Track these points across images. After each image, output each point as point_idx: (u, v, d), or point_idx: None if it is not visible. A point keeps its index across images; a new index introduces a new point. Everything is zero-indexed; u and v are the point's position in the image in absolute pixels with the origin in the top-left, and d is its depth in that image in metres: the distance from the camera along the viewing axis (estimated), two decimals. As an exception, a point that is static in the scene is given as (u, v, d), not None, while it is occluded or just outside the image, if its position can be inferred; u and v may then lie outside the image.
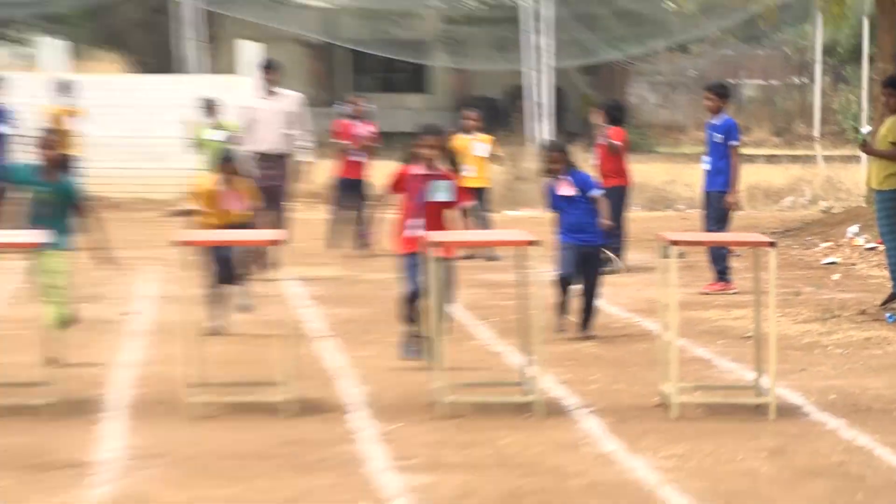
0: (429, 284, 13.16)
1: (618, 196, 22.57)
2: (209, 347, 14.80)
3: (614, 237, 21.27)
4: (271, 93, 22.85)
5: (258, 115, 22.70)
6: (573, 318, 17.11)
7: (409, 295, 14.27)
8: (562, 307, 16.98)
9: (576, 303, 16.92)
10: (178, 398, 13.53)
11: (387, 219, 16.46)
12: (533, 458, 11.82)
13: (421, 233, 13.48)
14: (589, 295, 17.16)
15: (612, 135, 23.57)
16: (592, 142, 24.84)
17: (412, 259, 13.55)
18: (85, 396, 14.06)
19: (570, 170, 16.83)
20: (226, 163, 16.43)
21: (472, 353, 16.42)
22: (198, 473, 11.26)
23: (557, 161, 16.59)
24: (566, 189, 16.49)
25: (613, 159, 23.40)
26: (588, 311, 17.20)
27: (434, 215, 13.40)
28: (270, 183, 21.72)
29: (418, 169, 13.62)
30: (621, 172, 23.40)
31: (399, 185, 13.81)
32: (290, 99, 23.20)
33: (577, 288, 17.10)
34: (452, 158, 14.72)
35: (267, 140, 22.50)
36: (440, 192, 12.95)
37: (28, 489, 10.82)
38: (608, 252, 20.07)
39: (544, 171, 16.99)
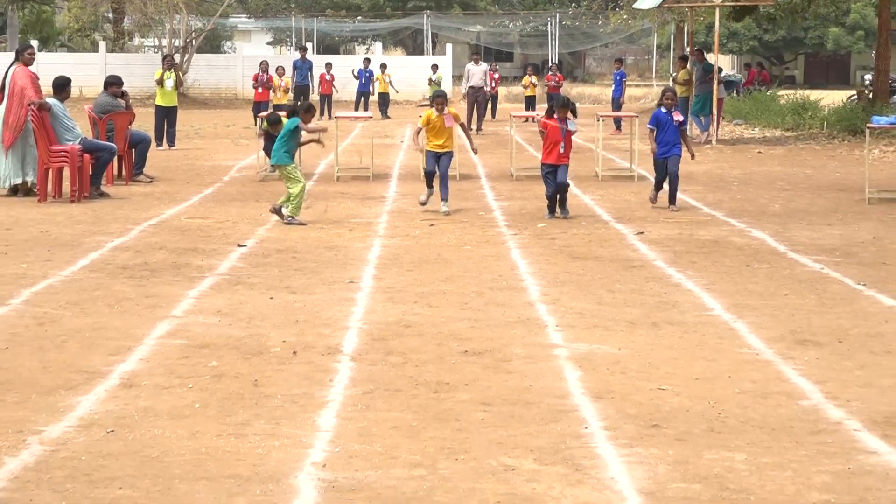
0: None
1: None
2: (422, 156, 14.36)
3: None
4: (476, 62, 22.76)
5: (472, 72, 22.50)
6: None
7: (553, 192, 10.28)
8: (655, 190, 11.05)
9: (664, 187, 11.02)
10: (416, 175, 13.31)
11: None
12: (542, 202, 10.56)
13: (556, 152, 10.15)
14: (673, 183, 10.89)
15: (549, 77, 24.47)
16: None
17: (552, 167, 10.20)
18: (382, 172, 14.06)
19: (677, 105, 11.78)
20: (439, 97, 11.27)
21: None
22: (423, 213, 10.62)
23: (672, 99, 10.97)
24: (678, 117, 10.83)
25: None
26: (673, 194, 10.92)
27: (566, 142, 10.15)
28: (478, 100, 22.10)
29: (553, 122, 10.21)
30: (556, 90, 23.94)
31: (544, 125, 10.26)
32: (483, 65, 22.95)
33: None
34: (572, 108, 10.38)
35: (477, 81, 22.35)
36: (570, 127, 10.17)
37: (363, 206, 10.90)
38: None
39: (664, 103, 10.99)
